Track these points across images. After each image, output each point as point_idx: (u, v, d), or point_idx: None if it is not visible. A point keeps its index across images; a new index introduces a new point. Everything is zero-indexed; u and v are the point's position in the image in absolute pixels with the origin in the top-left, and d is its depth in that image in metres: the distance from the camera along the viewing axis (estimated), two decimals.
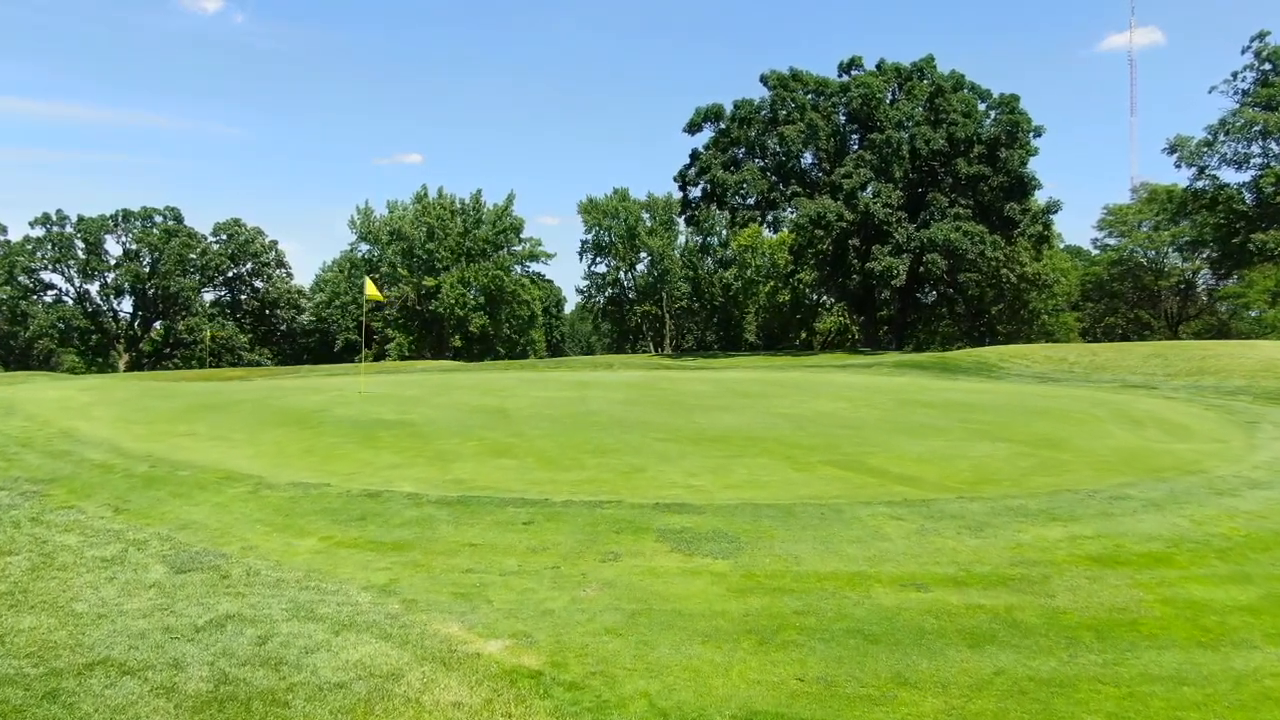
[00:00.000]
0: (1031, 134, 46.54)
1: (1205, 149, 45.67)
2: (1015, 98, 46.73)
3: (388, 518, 8.52)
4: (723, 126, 50.70)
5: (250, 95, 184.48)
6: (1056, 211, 48.00)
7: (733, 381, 24.02)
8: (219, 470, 10.26)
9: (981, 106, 48.64)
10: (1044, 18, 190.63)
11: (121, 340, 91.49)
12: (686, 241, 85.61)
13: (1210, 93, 46.97)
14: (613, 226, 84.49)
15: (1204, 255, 64.63)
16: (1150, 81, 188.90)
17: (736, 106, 49.86)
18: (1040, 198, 49.16)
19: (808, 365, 33.38)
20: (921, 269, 46.46)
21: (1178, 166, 47.24)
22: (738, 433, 13.55)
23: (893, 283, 45.65)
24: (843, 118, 50.02)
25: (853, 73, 50.39)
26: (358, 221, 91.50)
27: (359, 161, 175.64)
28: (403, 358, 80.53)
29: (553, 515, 8.49)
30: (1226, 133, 44.42)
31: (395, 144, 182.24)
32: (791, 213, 48.93)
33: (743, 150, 50.65)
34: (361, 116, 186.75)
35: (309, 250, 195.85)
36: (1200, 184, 47.60)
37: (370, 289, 19.02)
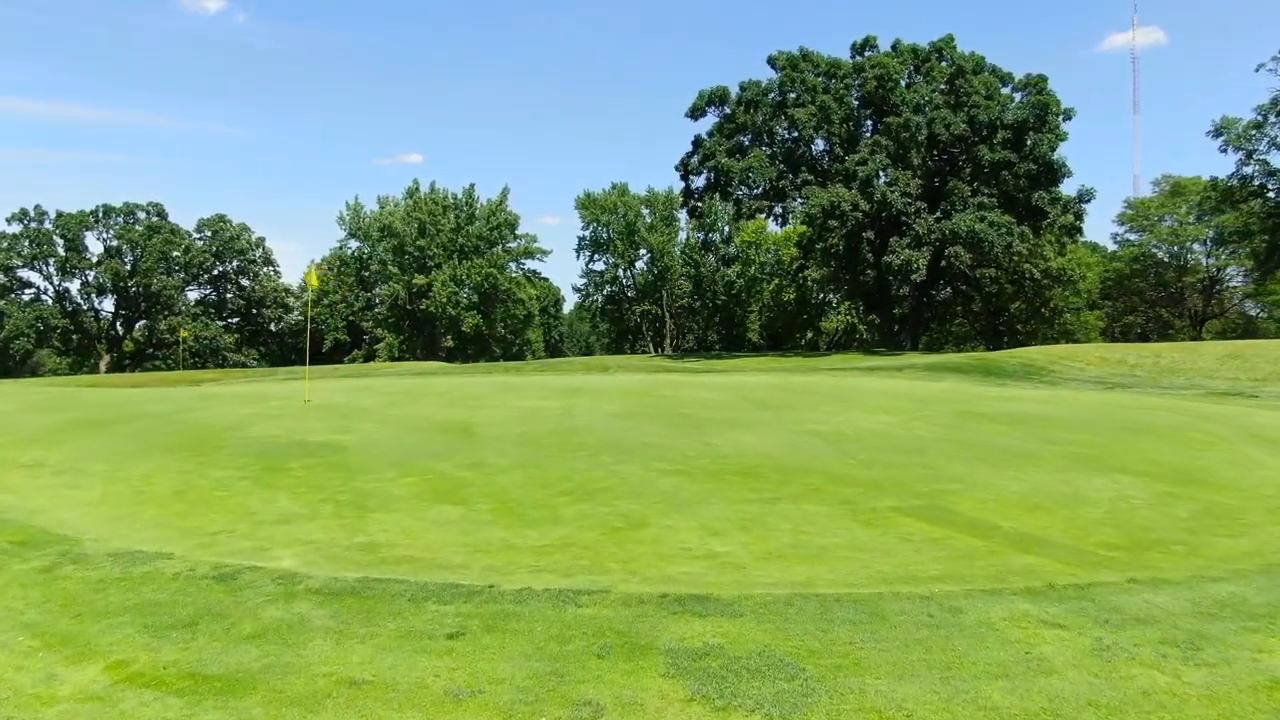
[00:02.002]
0: (1061, 117, 43.19)
1: (1254, 131, 42.30)
2: (1043, 78, 43.37)
3: (234, 620, 5.34)
4: (728, 111, 47.30)
5: (251, 95, 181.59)
6: (1089, 200, 44.56)
7: (746, 388, 20.84)
8: (25, 529, 7.07)
9: (1005, 90, 45.30)
10: (1045, 17, 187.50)
11: (103, 340, 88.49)
12: (688, 238, 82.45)
13: (1257, 71, 43.13)
14: (611, 222, 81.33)
15: (1231, 250, 61.36)
16: (1151, 82, 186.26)
17: (742, 89, 46.44)
18: (1066, 188, 45.80)
19: (827, 368, 30.08)
20: (943, 263, 43.06)
21: (1223, 150, 43.99)
22: (768, 460, 10.35)
23: (912, 277, 42.29)
24: (856, 101, 46.65)
25: (866, 54, 47.03)
26: (347, 218, 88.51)
27: (360, 162, 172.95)
28: (393, 358, 77.44)
29: (497, 619, 5.32)
30: (1278, 114, 41.10)
31: (397, 144, 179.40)
32: (801, 203, 45.44)
33: (749, 136, 47.27)
34: (362, 116, 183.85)
35: (310, 251, 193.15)
36: (1248, 169, 44.13)
37: (311, 277, 15.92)
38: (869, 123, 47.60)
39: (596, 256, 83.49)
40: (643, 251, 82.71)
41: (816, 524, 7.41)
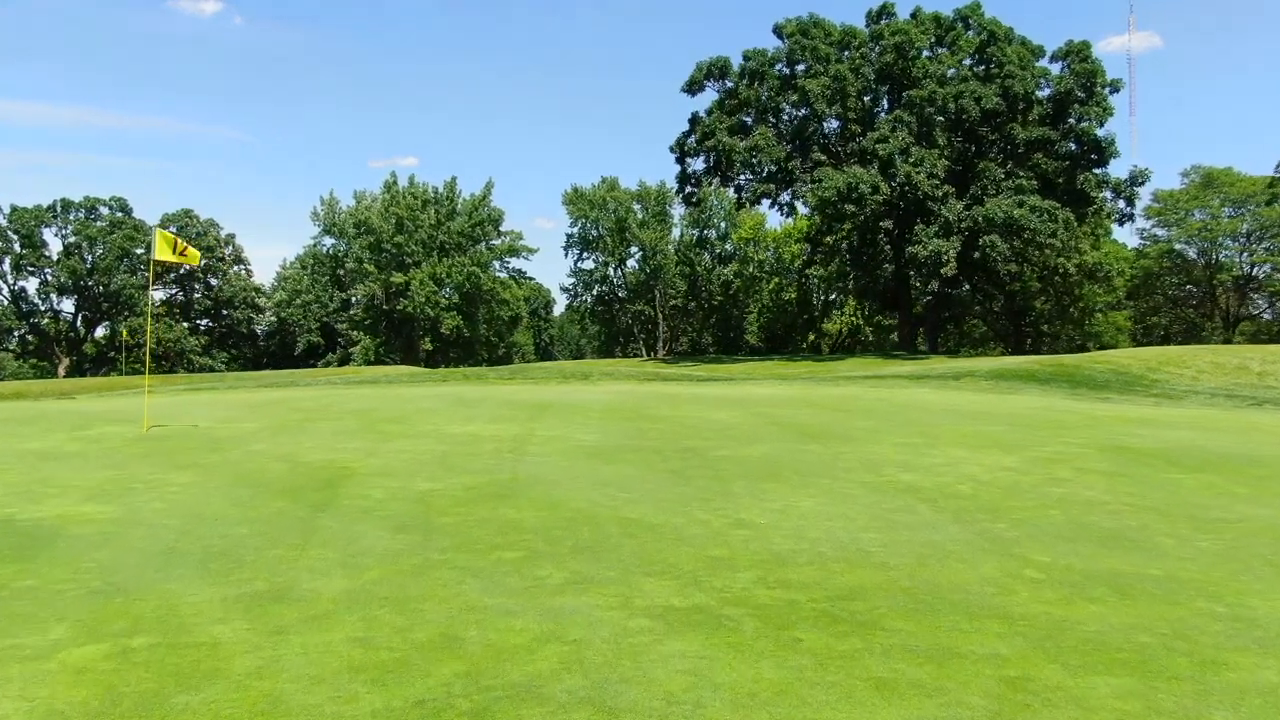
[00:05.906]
0: (1108, 89, 38.24)
1: None
2: (1086, 44, 38.33)
3: None
4: (729, 85, 42.14)
5: (249, 98, 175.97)
6: (1143, 183, 39.43)
7: (767, 403, 15.85)
8: None
9: (1040, 64, 40.29)
10: (1043, 19, 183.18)
11: (62, 343, 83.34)
12: (682, 235, 77.49)
13: None
14: (600, 218, 76.24)
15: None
16: (1149, 85, 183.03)
17: (746, 59, 41.28)
18: (1113, 170, 40.72)
19: (858, 376, 24.97)
20: (976, 254, 37.88)
21: None
22: (868, 571, 5.35)
23: (942, 270, 37.17)
24: (872, 76, 41.55)
25: (883, 21, 41.97)
26: (321, 213, 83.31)
27: (357, 164, 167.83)
28: (369, 362, 72.26)
29: None
30: None
31: (393, 147, 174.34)
32: (811, 188, 40.17)
33: (752, 114, 42.13)
34: (360, 119, 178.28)
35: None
36: None
37: (160, 246, 10.99)
38: (886, 100, 42.57)
39: (585, 255, 78.45)
40: (634, 249, 77.73)
41: None
